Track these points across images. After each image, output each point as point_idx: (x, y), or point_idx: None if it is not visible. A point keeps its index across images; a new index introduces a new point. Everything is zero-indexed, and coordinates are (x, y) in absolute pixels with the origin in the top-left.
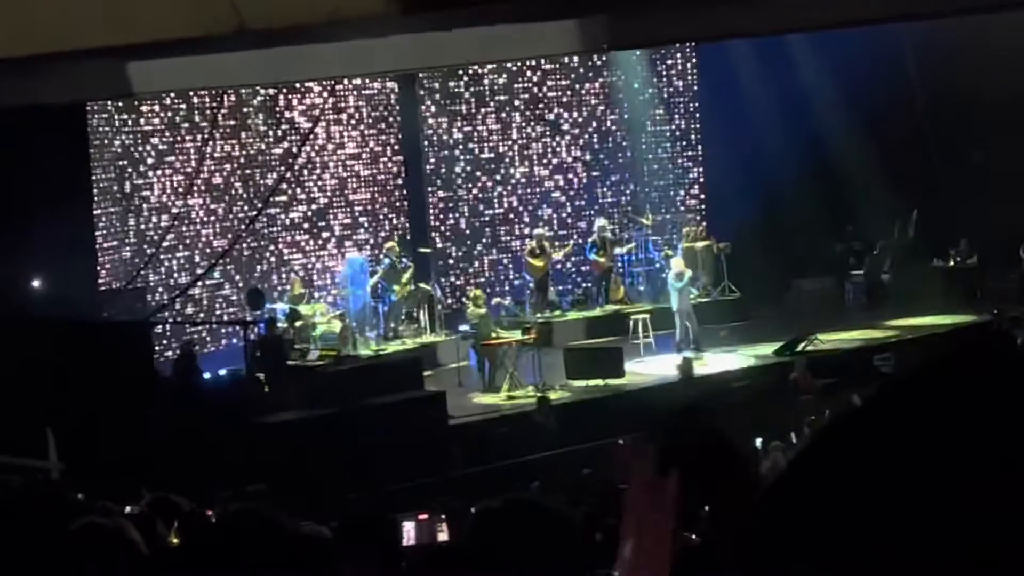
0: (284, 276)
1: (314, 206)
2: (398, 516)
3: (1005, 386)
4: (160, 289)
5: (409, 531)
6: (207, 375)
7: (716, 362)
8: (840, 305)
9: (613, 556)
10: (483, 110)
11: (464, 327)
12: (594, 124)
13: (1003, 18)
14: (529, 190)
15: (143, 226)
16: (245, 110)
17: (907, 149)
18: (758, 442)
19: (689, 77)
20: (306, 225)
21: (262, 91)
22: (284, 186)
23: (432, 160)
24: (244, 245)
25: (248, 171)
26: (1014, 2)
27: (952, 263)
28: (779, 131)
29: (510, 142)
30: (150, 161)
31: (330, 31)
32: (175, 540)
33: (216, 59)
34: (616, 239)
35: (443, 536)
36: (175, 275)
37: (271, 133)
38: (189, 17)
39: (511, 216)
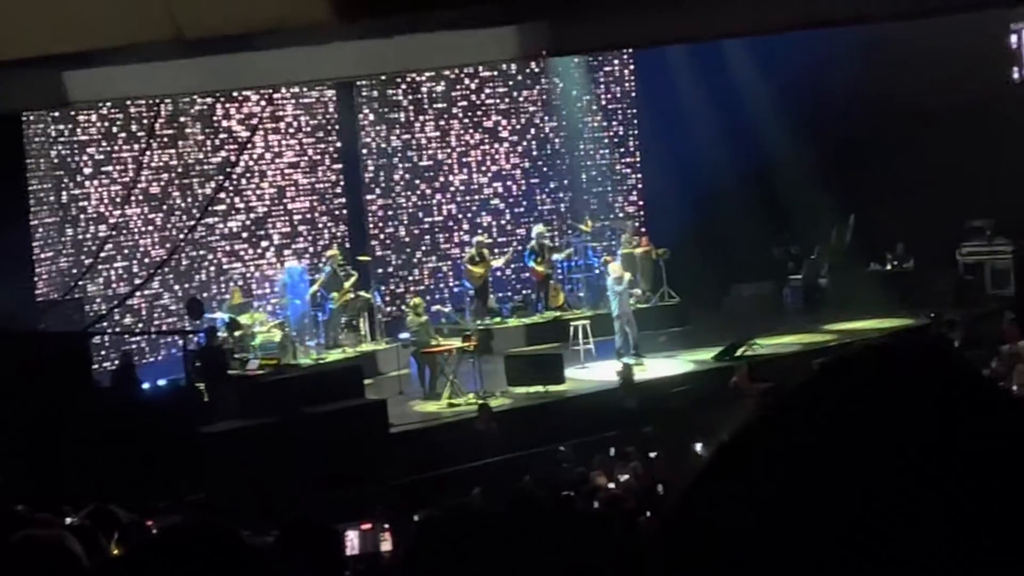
0: (223, 285)
1: (253, 215)
2: (341, 526)
3: (926, 381)
4: (98, 299)
5: (352, 540)
6: (146, 385)
7: (656, 367)
8: (778, 310)
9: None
10: (422, 118)
11: (404, 335)
12: (532, 131)
13: (939, 23)
14: (468, 197)
15: (80, 236)
16: (182, 119)
17: (844, 153)
18: (698, 447)
19: (627, 84)
20: (245, 234)
21: (199, 100)
22: (222, 195)
23: (371, 168)
24: (183, 255)
25: (186, 180)
26: (953, 6)
27: (889, 267)
28: (716, 137)
29: (449, 149)
30: (87, 171)
31: (269, 39)
32: (116, 551)
33: (154, 68)
34: (555, 246)
35: (386, 545)
36: (113, 285)
37: (209, 142)
38: (126, 25)
39: (450, 223)
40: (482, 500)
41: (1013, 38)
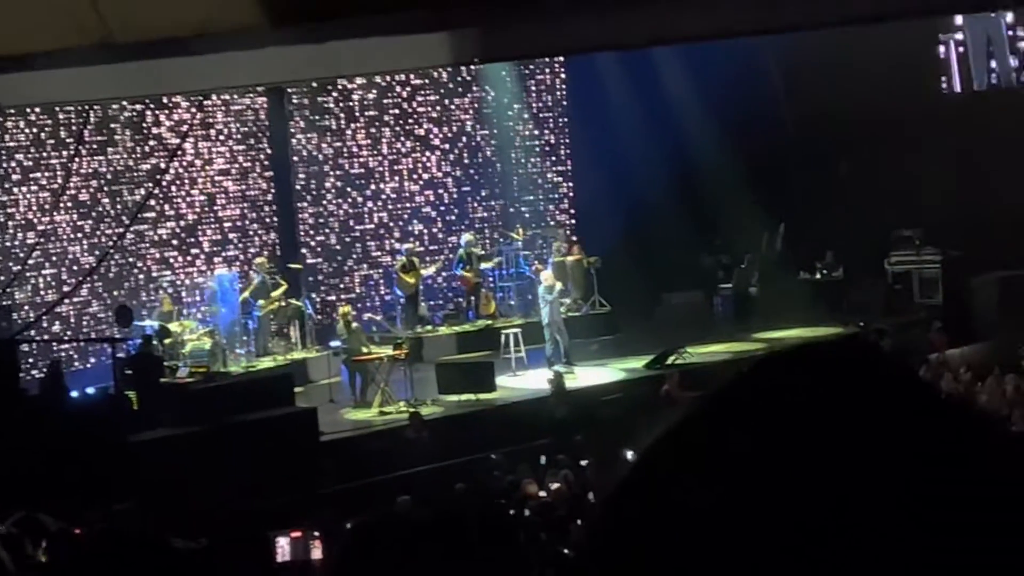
0: (153, 293)
1: (183, 222)
2: (272, 533)
3: (861, 377)
4: (26, 307)
5: (283, 548)
6: (75, 393)
7: (587, 376)
8: (709, 318)
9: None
10: (353, 125)
11: (335, 343)
12: (464, 139)
13: (864, 32)
14: (399, 205)
15: (8, 243)
16: (112, 126)
17: (773, 163)
18: (629, 455)
19: (558, 92)
20: (175, 242)
21: (129, 107)
22: (152, 202)
23: (302, 176)
24: (112, 262)
25: (115, 187)
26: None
27: (818, 276)
28: (647, 146)
29: (380, 157)
30: (15, 177)
31: (200, 43)
32: (43, 559)
33: (84, 72)
34: (484, 254)
35: (316, 553)
36: (42, 292)
37: (138, 149)
38: (55, 29)
39: (381, 231)
40: (411, 507)
41: (941, 48)
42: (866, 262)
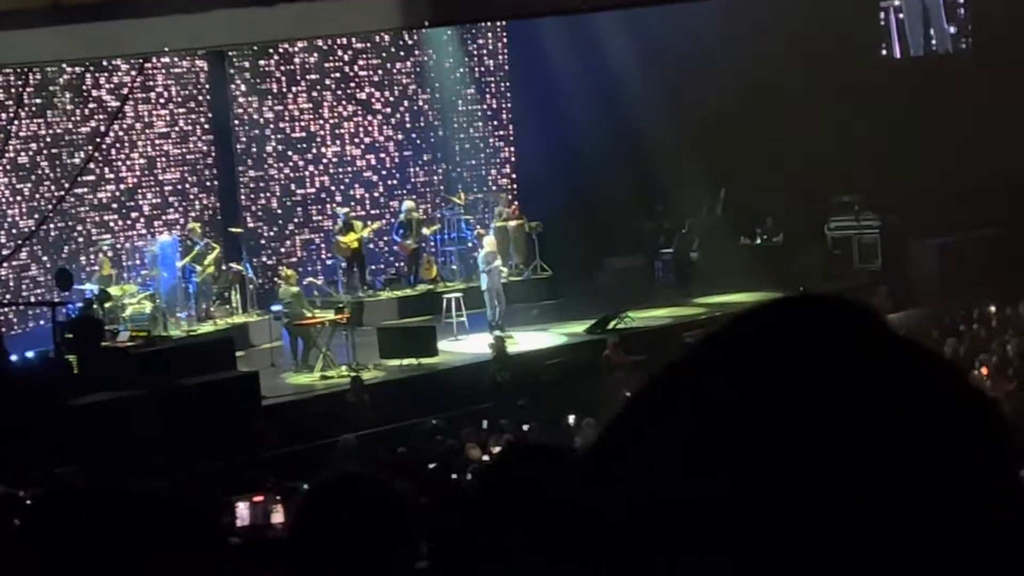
0: (93, 257)
1: (123, 186)
2: (233, 498)
3: (851, 331)
4: None
5: (242, 512)
6: (14, 357)
7: (528, 340)
8: (650, 283)
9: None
10: (294, 89)
11: (276, 307)
12: (406, 103)
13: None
14: (341, 170)
15: None
16: (51, 88)
17: (714, 128)
18: (571, 419)
19: (500, 56)
20: (115, 205)
21: (69, 69)
22: (92, 165)
23: (243, 139)
24: (51, 225)
25: (55, 150)
26: None
27: (759, 241)
28: (589, 110)
29: (321, 121)
30: None
31: (146, 5)
32: None
33: (30, 35)
34: (426, 219)
35: (278, 517)
36: None
37: (78, 112)
38: None
39: (323, 196)
40: (356, 444)
41: (882, 15)
42: (806, 228)
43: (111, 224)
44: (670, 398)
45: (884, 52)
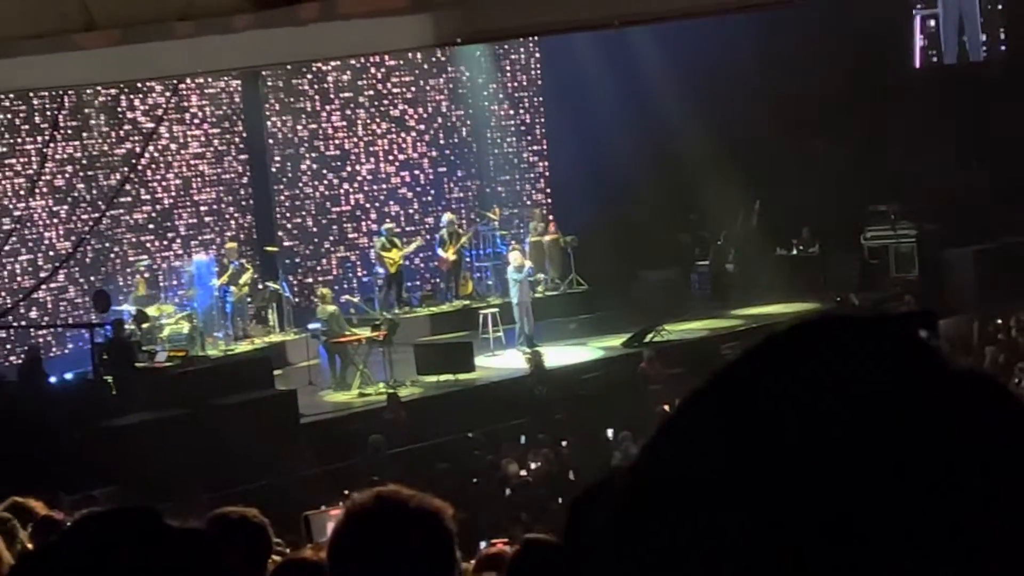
0: (129, 278)
1: (159, 207)
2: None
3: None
4: (3, 293)
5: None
6: (53, 379)
7: (565, 354)
8: (686, 295)
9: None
10: (328, 107)
11: (314, 325)
12: (439, 120)
13: (842, 8)
14: (375, 187)
15: None
16: (86, 111)
17: (749, 139)
18: (609, 433)
19: (533, 72)
20: (151, 226)
21: (103, 91)
22: (128, 187)
23: (277, 158)
24: (88, 247)
25: (91, 172)
26: None
27: (795, 252)
28: (622, 124)
29: (355, 139)
30: None
31: (181, 28)
32: (30, 545)
33: (64, 58)
34: (463, 233)
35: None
36: (18, 278)
37: (113, 133)
38: (36, 14)
39: (358, 213)
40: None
41: (916, 23)
42: (842, 238)
43: (147, 245)
44: (710, 417)
45: (918, 60)
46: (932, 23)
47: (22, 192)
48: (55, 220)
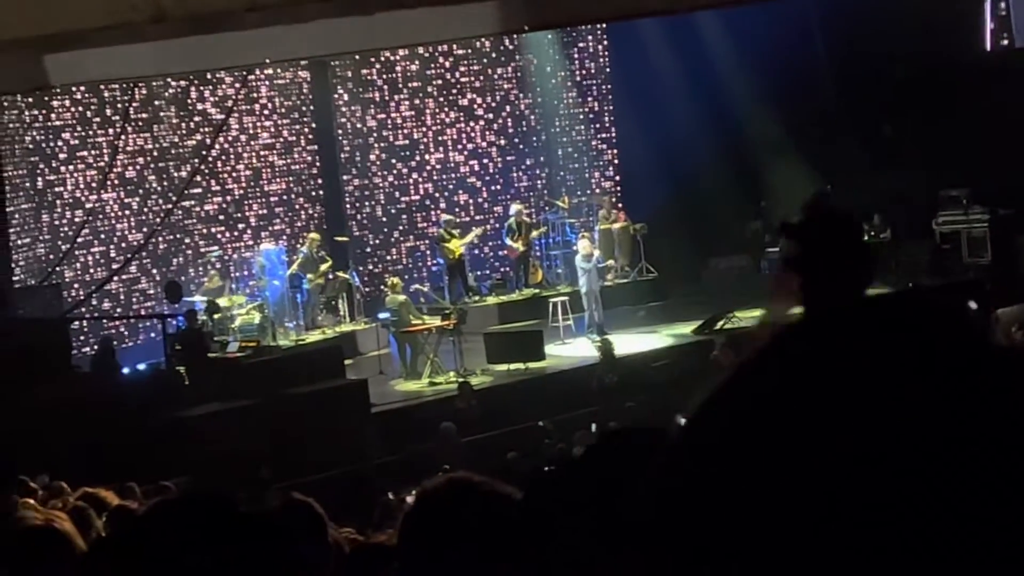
0: (201, 268)
1: (229, 197)
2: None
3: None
4: (76, 285)
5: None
6: (126, 370)
7: (636, 342)
8: (756, 282)
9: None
10: (396, 97)
11: (384, 314)
12: (507, 109)
13: None
14: (444, 176)
15: (57, 222)
16: (157, 102)
17: (819, 125)
18: (681, 421)
19: (601, 59)
20: (222, 217)
21: (173, 83)
22: (198, 178)
23: (347, 148)
24: (160, 238)
25: (162, 164)
26: None
27: (866, 237)
28: (691, 110)
29: (424, 128)
30: (62, 156)
31: (250, 18)
32: (103, 533)
33: (134, 49)
34: (533, 223)
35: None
36: (91, 270)
37: (184, 125)
38: (107, 7)
39: (427, 202)
40: (455, 428)
41: (987, 5)
42: (914, 223)
43: (218, 236)
44: (754, 390)
45: (989, 43)
46: (1003, 5)
47: (94, 184)
48: (127, 212)
